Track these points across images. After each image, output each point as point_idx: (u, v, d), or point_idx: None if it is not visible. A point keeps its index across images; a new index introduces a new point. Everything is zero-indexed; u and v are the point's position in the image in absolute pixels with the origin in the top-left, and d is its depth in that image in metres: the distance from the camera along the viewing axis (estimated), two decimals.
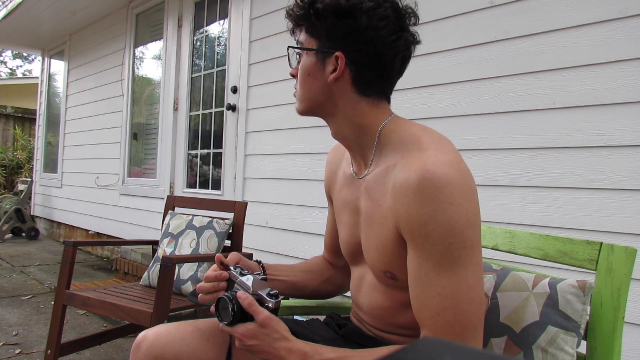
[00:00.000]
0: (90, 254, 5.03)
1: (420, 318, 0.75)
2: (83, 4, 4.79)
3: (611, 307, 0.86)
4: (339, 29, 0.79)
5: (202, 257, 2.12)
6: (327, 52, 0.80)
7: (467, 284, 0.71)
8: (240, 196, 3.18)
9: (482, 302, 0.73)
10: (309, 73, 0.83)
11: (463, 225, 0.70)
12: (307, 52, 0.83)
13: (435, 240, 0.70)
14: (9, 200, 5.82)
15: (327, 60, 0.81)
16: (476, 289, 0.72)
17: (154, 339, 0.92)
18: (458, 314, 0.70)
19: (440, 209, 0.69)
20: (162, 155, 4.05)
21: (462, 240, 0.70)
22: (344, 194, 0.95)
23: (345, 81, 0.82)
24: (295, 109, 0.90)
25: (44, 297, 3.28)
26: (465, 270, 0.71)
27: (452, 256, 0.70)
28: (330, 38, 0.80)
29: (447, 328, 0.70)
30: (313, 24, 0.81)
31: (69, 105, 5.73)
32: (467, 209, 0.70)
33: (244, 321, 0.79)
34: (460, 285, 0.70)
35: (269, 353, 0.77)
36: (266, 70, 3.09)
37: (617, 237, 1.64)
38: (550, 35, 1.84)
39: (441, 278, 0.71)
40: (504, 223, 1.90)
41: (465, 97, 2.07)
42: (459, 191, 0.70)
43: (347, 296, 1.01)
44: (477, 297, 0.72)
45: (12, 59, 22.73)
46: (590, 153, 1.73)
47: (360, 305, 0.95)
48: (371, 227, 0.84)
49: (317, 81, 0.83)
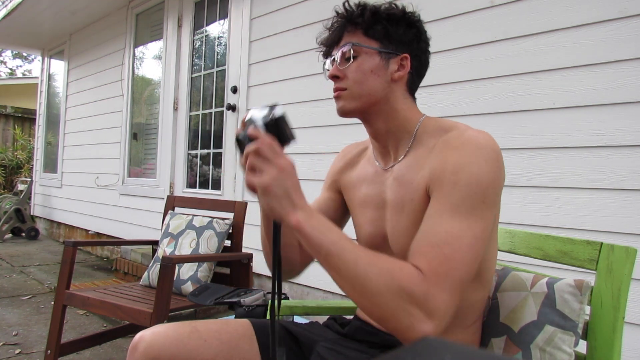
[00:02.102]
0: (90, 254, 5.03)
1: (418, 246, 0.76)
2: (83, 4, 4.80)
3: (611, 307, 0.86)
4: (407, 35, 0.91)
5: (202, 257, 2.12)
6: (393, 53, 0.90)
7: (474, 234, 0.74)
8: (240, 196, 3.18)
9: (476, 262, 0.75)
10: (372, 70, 0.90)
11: (489, 184, 0.77)
12: (370, 52, 0.90)
13: (462, 187, 0.76)
14: (8, 200, 5.82)
15: (391, 60, 0.90)
16: (478, 245, 0.75)
17: (151, 340, 0.92)
18: (456, 254, 0.73)
19: (475, 162, 0.77)
20: (162, 155, 4.05)
21: (483, 195, 0.76)
22: (365, 191, 0.98)
23: (403, 80, 0.92)
24: (341, 108, 0.92)
25: (44, 297, 3.28)
26: (476, 223, 0.75)
27: (471, 205, 0.75)
28: (399, 42, 0.91)
29: (441, 261, 0.72)
30: (379, 28, 0.90)
31: (68, 105, 5.73)
32: (497, 173, 0.78)
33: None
34: (468, 233, 0.74)
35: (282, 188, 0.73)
36: (266, 70, 3.09)
37: (617, 237, 1.64)
38: (550, 35, 1.84)
39: (454, 220, 0.75)
40: (504, 223, 1.88)
41: (465, 97, 2.07)
42: (494, 156, 0.79)
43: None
44: (476, 251, 0.75)
45: (12, 58, 22.75)
46: (590, 153, 1.72)
47: None
48: (401, 212, 0.88)
49: (380, 78, 0.90)
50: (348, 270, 0.71)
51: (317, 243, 0.72)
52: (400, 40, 0.91)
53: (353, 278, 0.71)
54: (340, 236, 0.74)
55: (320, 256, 0.73)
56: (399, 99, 0.92)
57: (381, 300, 0.69)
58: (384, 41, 0.90)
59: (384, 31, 0.90)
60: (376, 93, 0.90)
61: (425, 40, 0.95)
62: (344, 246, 0.72)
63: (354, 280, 0.71)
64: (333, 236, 0.73)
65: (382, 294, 0.69)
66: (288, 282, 2.79)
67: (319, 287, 2.58)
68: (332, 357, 0.93)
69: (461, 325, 0.91)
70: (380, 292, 0.69)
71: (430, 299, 0.69)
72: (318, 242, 0.72)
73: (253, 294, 1.44)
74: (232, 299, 1.43)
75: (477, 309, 0.92)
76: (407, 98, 0.94)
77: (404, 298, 0.69)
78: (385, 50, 0.90)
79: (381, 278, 0.70)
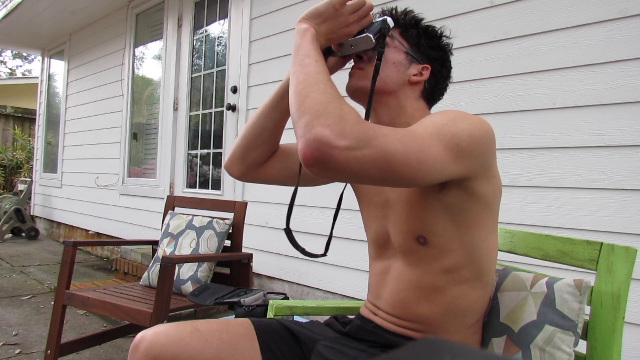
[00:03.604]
0: (90, 254, 5.03)
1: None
2: (83, 4, 4.79)
3: (611, 307, 0.86)
4: (435, 52, 0.97)
5: (202, 257, 2.12)
6: (417, 60, 0.95)
7: (429, 147, 0.75)
8: (240, 196, 3.18)
9: (419, 166, 0.74)
10: (394, 63, 0.94)
11: (467, 132, 0.79)
12: (399, 47, 0.95)
13: (435, 121, 0.79)
14: (8, 201, 5.82)
15: (413, 64, 0.95)
16: (425, 156, 0.74)
17: (152, 340, 0.92)
18: (404, 137, 0.74)
19: (457, 118, 0.81)
20: (162, 155, 4.05)
21: (456, 136, 0.77)
22: (369, 190, 1.02)
23: (418, 86, 0.96)
24: (352, 84, 0.96)
25: (44, 297, 3.28)
26: (437, 144, 0.75)
27: (439, 132, 0.77)
28: (426, 54, 0.96)
29: (386, 130, 0.73)
30: (414, 33, 0.96)
31: (68, 105, 5.73)
32: (482, 133, 0.81)
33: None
34: (425, 139, 0.75)
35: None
36: (266, 70, 3.09)
37: (617, 237, 1.64)
38: (550, 35, 1.84)
39: (419, 125, 0.80)
40: (504, 223, 1.89)
41: (465, 97, 2.08)
42: (480, 124, 0.82)
43: (349, 297, 1.01)
44: (421, 157, 0.74)
45: (12, 58, 22.74)
46: (590, 153, 1.73)
47: (381, 295, 0.97)
48: (404, 202, 0.91)
49: (398, 73, 0.94)
50: (307, 80, 0.77)
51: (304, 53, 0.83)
52: (427, 54, 0.96)
53: (307, 85, 0.77)
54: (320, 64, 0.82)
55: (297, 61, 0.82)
56: (410, 98, 0.96)
57: (314, 100, 0.73)
58: (414, 47, 0.96)
59: (417, 38, 0.96)
60: (389, 83, 0.94)
61: (448, 68, 1.00)
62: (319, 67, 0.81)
63: (307, 85, 0.77)
64: (316, 54, 0.83)
65: (319, 102, 0.73)
66: (288, 282, 2.79)
67: (319, 287, 2.58)
68: (333, 355, 0.93)
69: (462, 325, 0.91)
70: (318, 101, 0.73)
71: (350, 131, 0.69)
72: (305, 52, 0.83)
73: (253, 294, 1.44)
74: (232, 299, 1.42)
75: (478, 309, 0.93)
76: (419, 101, 0.97)
77: (333, 113, 0.71)
78: (412, 54, 0.95)
79: (328, 95, 0.74)
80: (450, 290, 0.89)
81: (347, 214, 2.56)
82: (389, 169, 0.71)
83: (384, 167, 0.70)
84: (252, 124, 1.06)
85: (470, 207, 0.86)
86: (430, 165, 0.74)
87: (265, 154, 1.07)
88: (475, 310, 0.92)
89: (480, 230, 0.88)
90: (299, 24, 0.89)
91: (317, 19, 0.88)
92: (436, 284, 0.89)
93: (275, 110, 1.04)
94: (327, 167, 0.69)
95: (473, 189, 0.84)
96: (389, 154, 0.70)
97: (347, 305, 1.30)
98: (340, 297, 2.46)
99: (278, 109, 1.04)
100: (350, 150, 0.68)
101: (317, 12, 0.88)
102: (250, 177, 1.10)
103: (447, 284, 0.89)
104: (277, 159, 1.09)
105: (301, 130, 0.71)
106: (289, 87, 0.81)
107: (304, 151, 0.69)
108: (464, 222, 0.86)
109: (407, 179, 0.73)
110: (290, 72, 0.83)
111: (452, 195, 0.84)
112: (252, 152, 1.06)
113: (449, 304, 0.89)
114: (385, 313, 0.96)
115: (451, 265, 0.88)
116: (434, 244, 0.88)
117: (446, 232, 0.87)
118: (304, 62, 0.81)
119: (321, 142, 0.68)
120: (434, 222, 0.87)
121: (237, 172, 1.09)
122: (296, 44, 0.86)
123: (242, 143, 1.07)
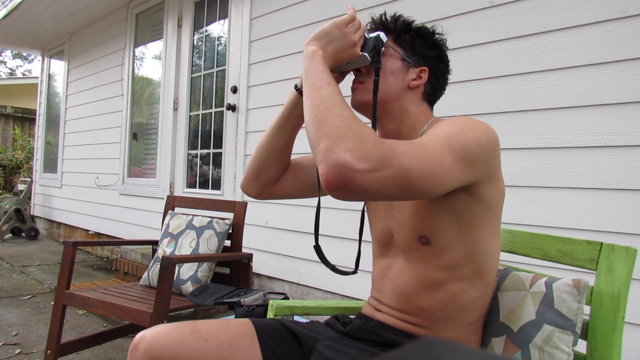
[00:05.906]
0: (90, 254, 5.03)
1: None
2: (83, 4, 4.79)
3: (611, 307, 0.86)
4: (430, 52, 0.98)
5: (202, 257, 2.12)
6: (414, 64, 0.96)
7: (441, 159, 0.76)
8: (241, 196, 3.18)
9: (435, 180, 0.76)
10: (392, 72, 0.96)
11: (475, 141, 0.80)
12: (394, 55, 0.97)
13: (443, 132, 0.81)
14: (8, 201, 5.82)
15: (410, 69, 0.96)
16: (438, 168, 0.76)
17: (152, 340, 0.92)
18: (420, 153, 0.75)
19: (463, 126, 0.82)
20: (162, 155, 4.05)
21: (464, 145, 0.79)
22: None
23: (419, 90, 0.98)
24: (356, 99, 0.97)
25: (44, 297, 3.28)
26: (447, 156, 0.77)
27: (448, 142, 0.78)
28: (422, 55, 0.97)
29: (403, 147, 0.75)
30: (407, 38, 0.97)
31: (68, 105, 5.73)
32: (487, 140, 0.82)
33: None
34: (437, 151, 0.77)
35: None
36: (266, 70, 3.09)
37: (617, 237, 1.64)
38: (550, 35, 1.84)
39: (427, 137, 0.81)
40: (504, 223, 1.89)
41: (465, 97, 2.08)
42: (485, 131, 0.83)
43: (349, 297, 1.01)
44: (438, 172, 0.76)
45: (12, 58, 22.74)
46: (590, 153, 1.73)
47: (384, 289, 0.99)
48: (409, 203, 0.93)
49: (397, 81, 0.96)
50: (322, 103, 0.78)
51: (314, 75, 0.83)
52: (423, 54, 0.97)
53: (323, 109, 0.77)
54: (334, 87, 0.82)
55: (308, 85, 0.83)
56: (412, 102, 0.97)
57: (331, 125, 0.74)
58: (409, 51, 0.97)
59: (411, 41, 0.97)
60: (390, 93, 0.95)
61: (446, 63, 1.01)
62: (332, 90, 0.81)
63: (324, 110, 0.77)
64: (327, 77, 0.83)
65: (337, 126, 0.73)
66: (288, 282, 2.79)
67: (319, 287, 2.58)
68: (333, 355, 0.93)
69: (461, 322, 0.92)
70: (335, 125, 0.73)
71: (371, 153, 0.70)
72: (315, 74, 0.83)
73: (253, 294, 1.44)
74: (232, 299, 1.42)
75: (478, 308, 0.93)
76: (422, 104, 0.98)
77: (352, 137, 0.71)
78: (408, 59, 0.96)
79: (344, 118, 0.75)
80: (450, 287, 0.90)
81: (347, 214, 2.57)
82: (407, 185, 0.73)
83: (402, 184, 0.72)
84: (262, 146, 1.08)
85: (474, 210, 0.87)
86: (443, 177, 0.76)
87: (278, 172, 1.09)
88: (475, 308, 0.92)
89: (483, 232, 0.89)
90: (306, 46, 0.90)
91: (323, 40, 0.90)
92: (436, 280, 0.90)
93: (283, 130, 1.05)
94: (350, 190, 0.70)
95: (479, 192, 0.85)
96: (407, 171, 0.72)
97: (347, 305, 1.30)
98: (340, 297, 2.46)
99: (286, 128, 1.05)
100: (371, 172, 0.69)
101: (324, 33, 0.90)
102: (266, 195, 1.12)
103: (447, 280, 0.90)
104: (290, 174, 1.11)
105: (321, 155, 0.72)
106: (304, 110, 0.82)
107: (327, 176, 0.70)
108: (468, 223, 0.87)
109: (422, 192, 0.76)
110: (304, 95, 0.84)
111: (457, 199, 0.85)
112: (265, 172, 1.08)
113: (449, 300, 0.90)
114: (388, 307, 0.97)
115: (452, 262, 0.89)
116: (435, 244, 0.89)
117: (449, 233, 0.88)
118: (316, 85, 0.82)
119: (344, 167, 0.69)
120: (438, 224, 0.88)
121: (254, 192, 1.11)
122: (306, 68, 0.86)
123: (254, 165, 1.09)
